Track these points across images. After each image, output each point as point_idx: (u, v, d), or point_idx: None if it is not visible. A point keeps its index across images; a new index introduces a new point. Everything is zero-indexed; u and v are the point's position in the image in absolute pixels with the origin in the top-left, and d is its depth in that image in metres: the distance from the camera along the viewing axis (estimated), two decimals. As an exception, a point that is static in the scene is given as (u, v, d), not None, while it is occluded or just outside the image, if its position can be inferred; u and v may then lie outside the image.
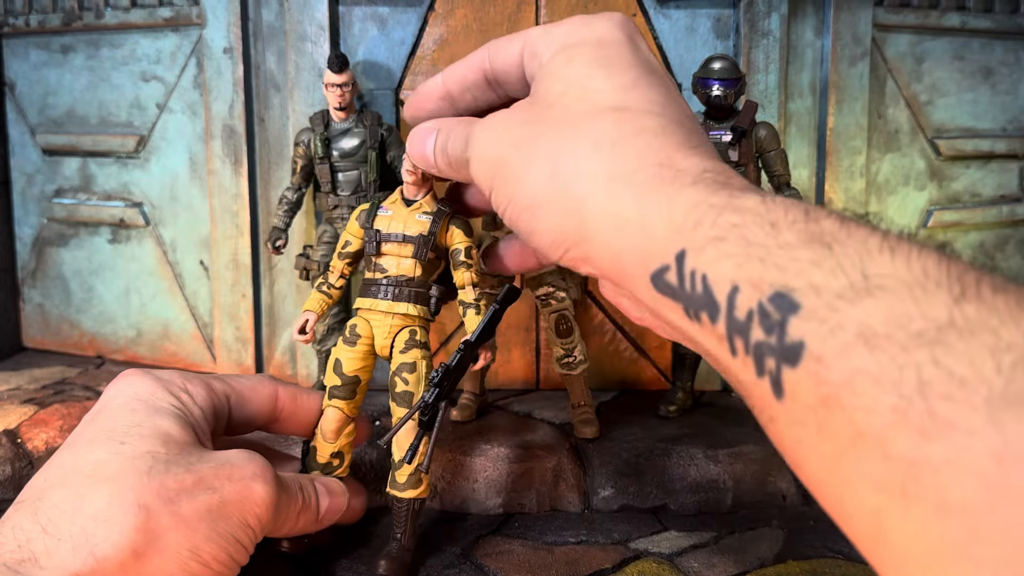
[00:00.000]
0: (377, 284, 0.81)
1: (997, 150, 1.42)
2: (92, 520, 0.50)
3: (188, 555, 0.52)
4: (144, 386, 0.63)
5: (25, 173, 1.45)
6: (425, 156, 0.58)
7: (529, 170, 0.46)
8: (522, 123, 0.49)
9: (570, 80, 0.47)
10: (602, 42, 0.48)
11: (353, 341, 0.81)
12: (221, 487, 0.55)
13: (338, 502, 0.71)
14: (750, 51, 1.20)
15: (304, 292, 1.23)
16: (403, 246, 0.81)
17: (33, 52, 1.40)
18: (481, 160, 0.51)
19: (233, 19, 1.23)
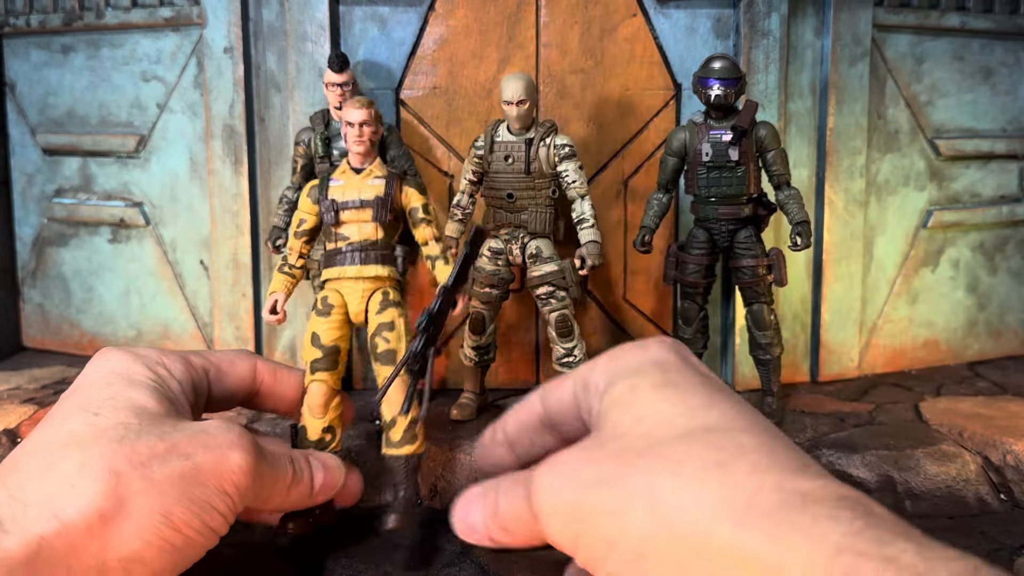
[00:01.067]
0: (342, 253, 0.82)
1: (997, 150, 1.42)
2: (59, 485, 0.50)
3: (159, 519, 0.51)
4: (120, 361, 0.63)
5: (25, 173, 1.45)
6: (474, 529, 0.51)
7: (625, 512, 0.40)
8: (598, 460, 0.43)
9: (643, 407, 0.44)
10: (661, 365, 0.46)
11: (327, 311, 0.82)
12: (195, 454, 0.54)
13: (333, 476, 0.69)
14: (750, 51, 1.20)
15: (304, 291, 1.23)
16: (361, 211, 0.82)
17: (34, 52, 1.40)
18: (556, 510, 0.44)
19: (233, 19, 1.23)
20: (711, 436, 0.42)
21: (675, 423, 0.44)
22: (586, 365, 0.52)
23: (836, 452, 0.99)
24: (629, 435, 0.44)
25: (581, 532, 0.43)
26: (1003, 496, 0.97)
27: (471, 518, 0.51)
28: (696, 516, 0.39)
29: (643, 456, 0.42)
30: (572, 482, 0.44)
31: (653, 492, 0.40)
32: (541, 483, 0.46)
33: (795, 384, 1.31)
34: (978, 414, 1.11)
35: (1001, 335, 1.48)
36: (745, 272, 1.08)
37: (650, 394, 0.46)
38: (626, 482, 0.42)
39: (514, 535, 0.49)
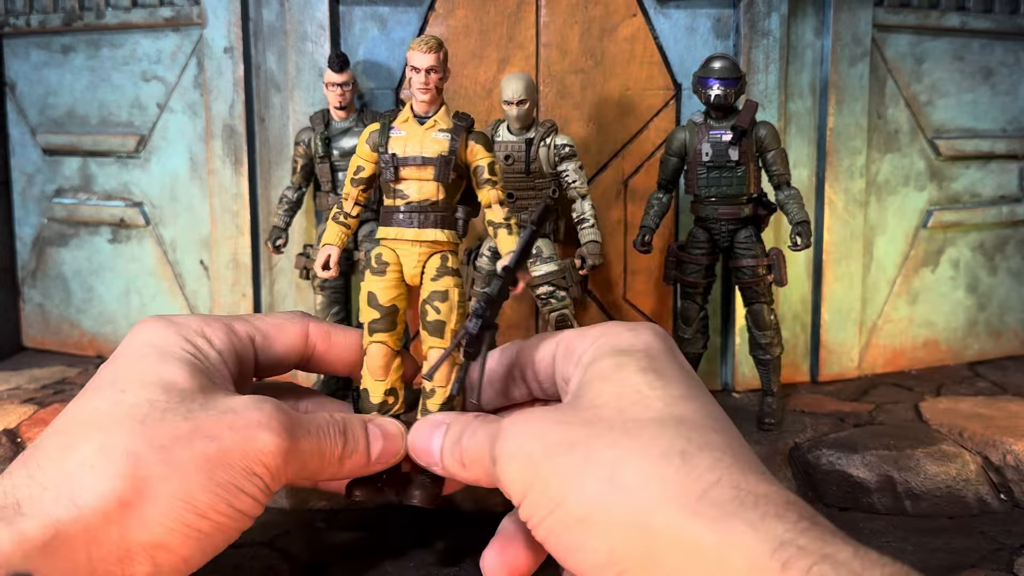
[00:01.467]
0: (399, 212, 0.76)
1: (997, 150, 1.42)
2: (78, 467, 0.48)
3: (182, 505, 0.49)
4: (157, 332, 0.60)
5: (25, 173, 1.45)
6: (430, 451, 0.54)
7: (583, 475, 0.42)
8: (570, 423, 0.45)
9: (624, 384, 0.45)
10: (650, 351, 0.47)
11: (382, 270, 0.76)
12: (221, 436, 0.52)
13: (394, 443, 0.64)
14: (750, 51, 1.20)
15: (304, 291, 1.23)
16: (423, 169, 0.75)
17: (34, 52, 1.40)
18: (516, 457, 0.46)
19: (233, 19, 1.23)
20: (683, 426, 0.43)
21: (652, 405, 0.45)
22: (573, 333, 0.53)
23: (836, 452, 0.99)
24: (605, 408, 0.46)
25: (534, 484, 0.45)
26: (1003, 496, 0.97)
27: (431, 444, 0.54)
28: (649, 496, 0.40)
29: (613, 429, 0.44)
30: (539, 436, 0.46)
31: (614, 465, 0.42)
32: (510, 430, 0.47)
33: (795, 384, 1.31)
34: (978, 414, 1.11)
35: (1001, 335, 1.48)
36: (745, 272, 1.08)
37: (634, 374, 0.47)
38: (590, 449, 0.43)
39: (468, 471, 0.52)
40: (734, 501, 0.38)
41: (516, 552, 0.53)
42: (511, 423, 0.48)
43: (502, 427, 0.49)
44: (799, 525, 0.37)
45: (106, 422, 0.52)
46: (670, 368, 0.48)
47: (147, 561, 0.49)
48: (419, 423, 0.56)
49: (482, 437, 0.50)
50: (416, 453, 0.55)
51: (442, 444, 0.54)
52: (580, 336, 0.52)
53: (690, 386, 0.47)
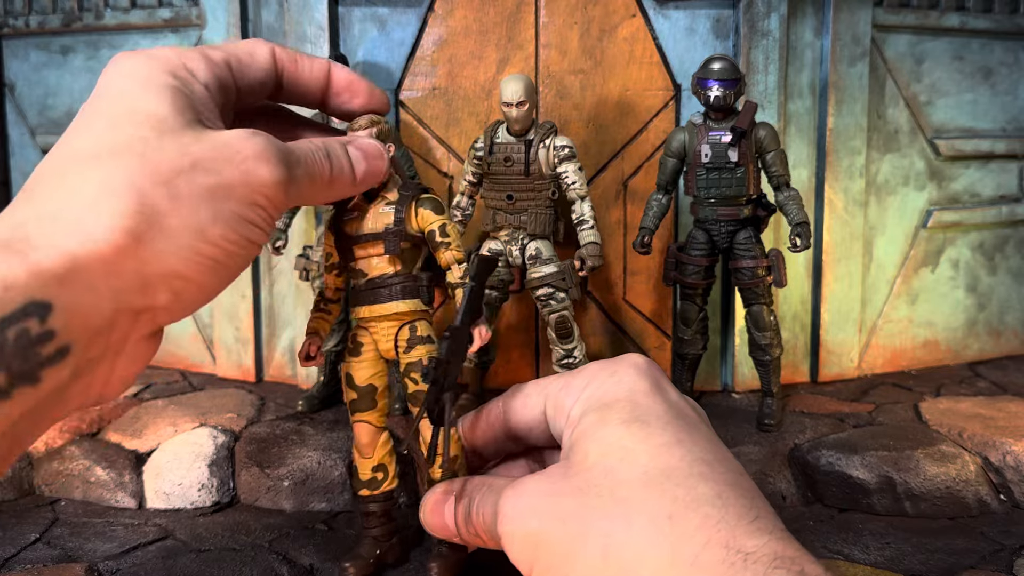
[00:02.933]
0: (361, 290, 0.78)
1: (997, 150, 1.42)
2: (86, 203, 0.48)
3: (193, 235, 0.49)
4: (138, 67, 0.59)
5: (25, 173, 1.45)
6: (445, 526, 0.53)
7: (578, 553, 0.43)
8: (562, 493, 0.45)
9: (607, 441, 0.45)
10: (633, 397, 0.47)
11: (357, 351, 0.79)
12: (220, 170, 0.51)
13: (375, 164, 0.64)
14: (750, 51, 1.20)
15: (304, 292, 1.23)
16: (373, 245, 0.77)
17: (33, 53, 1.40)
18: (516, 536, 0.46)
19: (233, 20, 1.23)
20: (668, 482, 0.44)
21: (638, 461, 0.45)
22: (558, 386, 0.53)
23: (836, 452, 0.99)
24: (593, 470, 0.46)
25: (537, 561, 0.46)
26: (1002, 497, 0.97)
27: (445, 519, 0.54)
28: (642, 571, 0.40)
29: (601, 497, 0.44)
30: (534, 513, 0.46)
31: (606, 538, 0.42)
32: (505, 507, 0.48)
33: (795, 384, 1.31)
34: (978, 414, 1.11)
35: (1001, 335, 1.48)
36: (745, 273, 1.08)
37: (617, 428, 0.47)
38: (582, 523, 0.43)
39: (486, 542, 0.52)
40: (724, 563, 0.39)
41: None
42: (506, 498, 0.49)
43: (500, 506, 0.48)
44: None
45: (104, 158, 0.51)
46: (653, 411, 0.48)
47: (166, 289, 0.50)
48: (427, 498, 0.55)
49: (488, 513, 0.50)
50: (432, 529, 0.55)
51: (455, 519, 0.53)
52: (566, 390, 0.52)
53: (675, 429, 0.47)
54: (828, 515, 0.95)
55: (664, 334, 1.27)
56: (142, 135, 0.53)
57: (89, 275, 0.46)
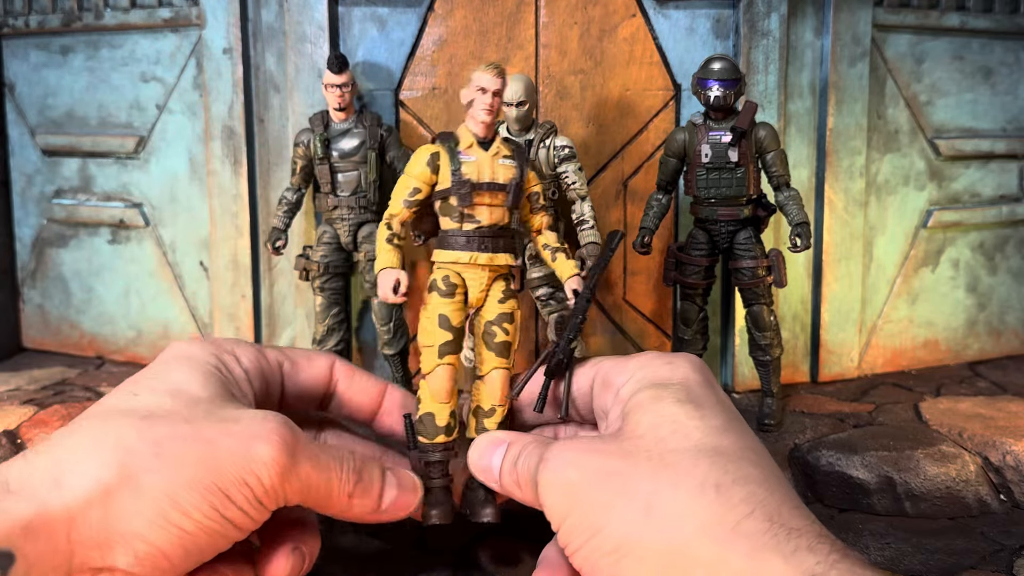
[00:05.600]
0: (469, 236, 0.76)
1: (997, 150, 1.42)
2: (69, 452, 0.49)
3: (166, 500, 0.49)
4: (186, 346, 0.60)
5: (25, 174, 1.45)
6: (490, 469, 0.55)
7: (620, 505, 0.43)
8: (609, 453, 0.46)
9: (661, 414, 0.46)
10: (687, 383, 0.48)
11: (451, 292, 0.76)
12: (216, 440, 0.51)
13: (407, 498, 0.63)
14: (750, 51, 1.20)
15: (304, 293, 1.23)
16: (494, 195, 0.76)
17: (33, 53, 1.40)
18: (556, 483, 0.47)
19: (233, 20, 1.23)
20: (720, 458, 0.44)
21: (690, 435, 0.46)
22: (611, 364, 0.54)
23: (836, 452, 0.99)
24: (644, 438, 0.47)
25: (572, 511, 0.46)
26: (1003, 497, 0.97)
27: (492, 462, 0.55)
28: (684, 528, 0.41)
29: (651, 460, 0.45)
30: (579, 465, 0.47)
31: (651, 496, 0.42)
32: (553, 457, 0.48)
33: (795, 384, 1.31)
34: (978, 414, 1.11)
35: (1001, 335, 1.48)
36: (745, 273, 1.08)
37: (672, 405, 0.48)
38: (628, 480, 0.44)
39: (523, 493, 0.53)
40: (767, 533, 0.39)
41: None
42: (554, 451, 0.50)
43: (546, 454, 0.50)
44: (830, 557, 0.38)
45: (110, 416, 0.53)
46: (708, 399, 0.49)
47: (127, 551, 0.49)
48: (480, 440, 0.57)
49: (532, 461, 0.51)
50: (476, 470, 0.56)
51: (502, 464, 0.54)
52: (618, 369, 0.53)
53: (728, 418, 0.48)
54: (828, 515, 0.95)
55: (664, 334, 1.27)
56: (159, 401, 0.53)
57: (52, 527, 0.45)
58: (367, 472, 0.60)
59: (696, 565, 0.39)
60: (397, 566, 0.81)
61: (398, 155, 1.17)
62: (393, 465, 0.67)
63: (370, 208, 1.16)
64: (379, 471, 0.62)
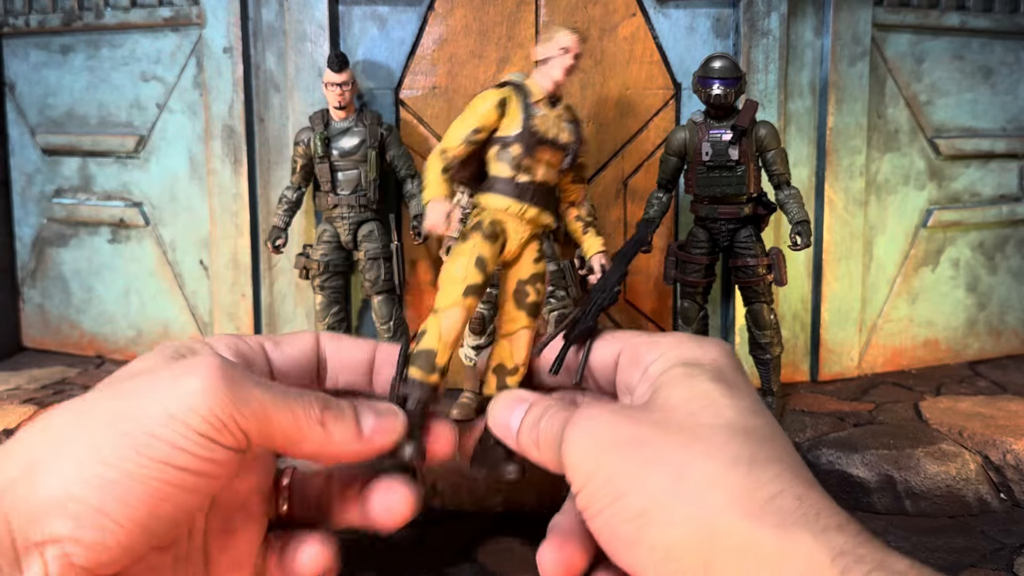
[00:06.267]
0: (523, 187, 0.73)
1: (997, 150, 1.42)
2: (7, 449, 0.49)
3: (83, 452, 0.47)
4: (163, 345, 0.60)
5: (25, 173, 1.45)
6: (508, 426, 0.54)
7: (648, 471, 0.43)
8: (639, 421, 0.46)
9: (694, 389, 0.46)
10: (719, 365, 0.48)
11: (495, 236, 0.71)
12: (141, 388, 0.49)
13: (387, 420, 0.58)
14: (750, 50, 1.20)
15: (304, 291, 1.23)
16: (553, 153, 0.74)
17: (33, 52, 1.40)
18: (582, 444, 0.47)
19: (233, 19, 1.23)
20: (751, 437, 0.45)
21: (722, 413, 0.46)
22: (640, 339, 0.53)
23: (836, 451, 0.99)
24: (676, 410, 0.47)
25: (597, 473, 0.45)
26: (1003, 495, 0.97)
27: (511, 419, 0.54)
28: (714, 499, 0.40)
29: (683, 431, 0.44)
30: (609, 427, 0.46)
31: (681, 465, 0.42)
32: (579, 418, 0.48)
33: (795, 383, 1.31)
34: (978, 413, 1.11)
35: (1001, 334, 1.48)
36: (745, 271, 1.08)
37: (705, 382, 0.48)
38: (659, 449, 0.44)
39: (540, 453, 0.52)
40: (797, 512, 0.39)
41: (573, 550, 0.54)
42: (583, 413, 0.49)
43: (574, 416, 0.49)
44: (858, 538, 0.38)
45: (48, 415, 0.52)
46: (739, 383, 0.49)
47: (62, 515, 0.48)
48: (503, 395, 0.56)
49: (557, 421, 0.50)
50: (495, 424, 0.55)
51: (521, 422, 0.54)
52: (649, 345, 0.53)
53: (756, 402, 0.48)
54: (828, 514, 0.95)
55: (664, 333, 1.27)
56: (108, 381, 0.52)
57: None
58: (334, 402, 0.58)
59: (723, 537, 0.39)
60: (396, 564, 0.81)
61: (398, 154, 1.17)
62: None
63: (370, 207, 1.16)
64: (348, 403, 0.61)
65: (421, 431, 0.64)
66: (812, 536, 0.37)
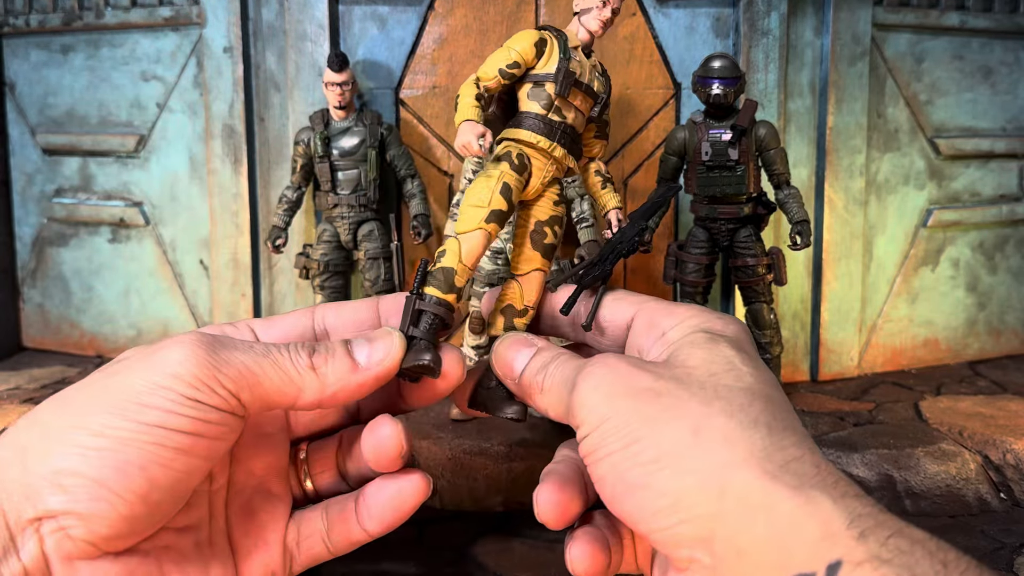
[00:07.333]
0: (553, 125, 0.74)
1: (997, 150, 1.42)
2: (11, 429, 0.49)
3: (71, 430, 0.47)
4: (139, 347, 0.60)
5: (25, 173, 1.45)
6: (512, 366, 0.54)
7: (665, 421, 0.42)
8: (659, 375, 0.45)
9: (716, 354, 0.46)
10: (738, 337, 0.48)
11: (523, 168, 0.72)
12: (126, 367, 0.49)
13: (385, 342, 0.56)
14: (750, 50, 1.20)
15: (304, 291, 1.23)
16: (586, 100, 0.75)
17: (33, 52, 1.40)
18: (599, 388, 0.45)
19: (233, 19, 1.23)
20: (771, 404, 0.44)
21: (744, 378, 0.45)
22: (657, 305, 0.52)
23: (836, 451, 0.99)
24: (697, 370, 0.46)
25: (610, 417, 0.44)
26: (1003, 495, 0.97)
27: (516, 360, 0.54)
28: (731, 454, 0.39)
29: (704, 389, 0.44)
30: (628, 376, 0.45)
31: (702, 420, 0.41)
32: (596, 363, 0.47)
33: (795, 383, 1.31)
34: (978, 413, 1.11)
35: (1001, 334, 1.48)
36: (745, 271, 1.08)
37: (726, 348, 0.48)
38: (678, 402, 0.43)
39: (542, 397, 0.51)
40: (816, 477, 0.39)
41: (570, 493, 0.53)
42: (600, 358, 0.48)
43: (590, 360, 0.48)
44: (877, 506, 0.37)
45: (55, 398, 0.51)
46: (757, 357, 0.49)
47: (55, 490, 0.47)
48: (511, 336, 0.56)
49: (568, 368, 0.50)
50: (499, 362, 0.54)
51: (527, 364, 0.53)
52: (667, 312, 0.52)
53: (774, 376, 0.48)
54: (828, 513, 0.95)
55: (664, 333, 1.27)
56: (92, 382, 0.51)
57: None
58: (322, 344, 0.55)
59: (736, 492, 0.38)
60: (396, 564, 0.81)
61: (398, 153, 1.17)
62: None
63: (370, 206, 1.16)
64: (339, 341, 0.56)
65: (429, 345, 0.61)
66: (831, 500, 0.37)
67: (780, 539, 0.36)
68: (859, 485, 0.39)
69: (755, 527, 0.37)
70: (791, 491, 0.37)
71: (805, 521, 0.36)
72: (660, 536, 0.40)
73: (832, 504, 0.36)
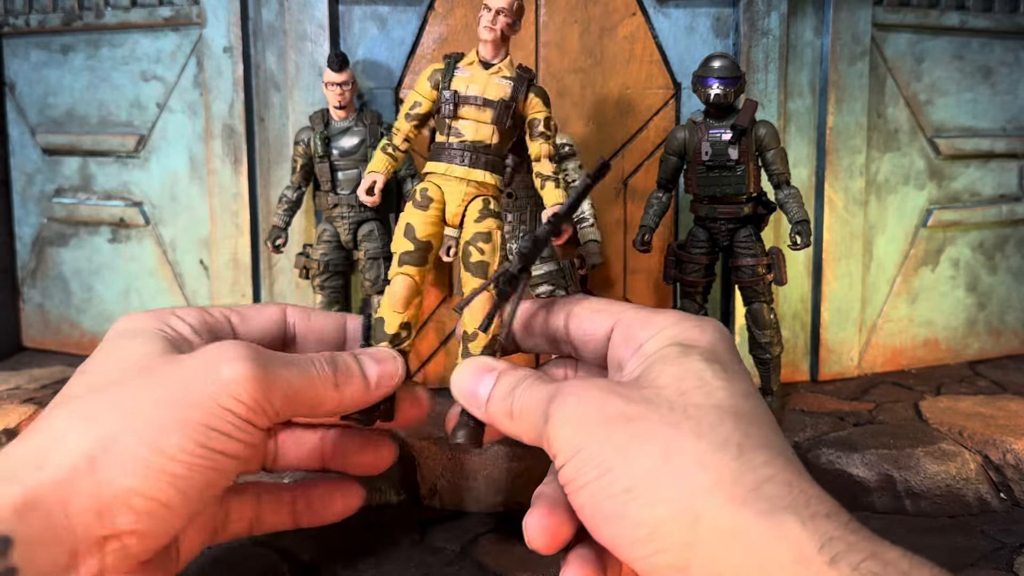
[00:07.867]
0: (452, 149, 0.76)
1: (997, 149, 1.42)
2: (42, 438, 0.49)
3: (148, 449, 0.48)
4: (128, 320, 0.61)
5: (25, 173, 1.45)
6: (476, 394, 0.54)
7: (636, 448, 0.42)
8: (629, 398, 0.45)
9: (687, 368, 0.46)
10: (714, 346, 0.48)
11: (425, 205, 0.75)
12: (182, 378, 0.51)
13: (388, 367, 0.63)
14: (750, 50, 1.20)
15: (304, 291, 1.23)
16: (482, 110, 0.76)
17: (33, 52, 1.40)
18: (571, 419, 0.46)
19: (233, 18, 1.23)
20: (742, 420, 0.44)
21: (714, 394, 0.45)
22: (634, 316, 0.52)
23: (836, 451, 0.99)
24: (667, 388, 0.46)
25: (584, 447, 0.44)
26: (1003, 495, 0.97)
27: (478, 387, 0.54)
28: (701, 480, 0.40)
29: (673, 411, 0.44)
30: (598, 404, 0.45)
31: (671, 444, 0.42)
32: (569, 392, 0.47)
33: (795, 383, 1.31)
34: (978, 413, 1.11)
35: (1001, 334, 1.48)
36: (745, 271, 1.08)
37: (699, 362, 0.47)
38: (648, 424, 0.43)
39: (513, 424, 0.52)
40: (786, 497, 0.39)
41: (560, 517, 0.53)
42: (571, 386, 0.49)
43: (561, 388, 0.49)
44: (849, 526, 0.37)
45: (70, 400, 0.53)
46: (733, 364, 0.48)
47: (125, 510, 0.48)
48: (466, 363, 0.56)
49: (538, 393, 0.50)
50: (461, 393, 0.55)
51: (491, 391, 0.53)
52: (643, 324, 0.52)
53: (749, 385, 0.48)
54: (828, 513, 0.95)
55: (664, 333, 1.27)
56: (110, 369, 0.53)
57: (47, 505, 0.45)
58: (340, 360, 0.60)
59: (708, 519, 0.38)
60: (396, 564, 0.81)
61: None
62: None
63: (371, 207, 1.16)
64: (349, 356, 0.62)
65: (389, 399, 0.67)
66: (800, 523, 0.37)
67: (756, 565, 0.36)
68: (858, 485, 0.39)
69: (730, 554, 0.37)
70: (760, 516, 0.37)
71: (776, 545, 0.36)
72: (640, 564, 0.41)
73: (801, 528, 0.36)
